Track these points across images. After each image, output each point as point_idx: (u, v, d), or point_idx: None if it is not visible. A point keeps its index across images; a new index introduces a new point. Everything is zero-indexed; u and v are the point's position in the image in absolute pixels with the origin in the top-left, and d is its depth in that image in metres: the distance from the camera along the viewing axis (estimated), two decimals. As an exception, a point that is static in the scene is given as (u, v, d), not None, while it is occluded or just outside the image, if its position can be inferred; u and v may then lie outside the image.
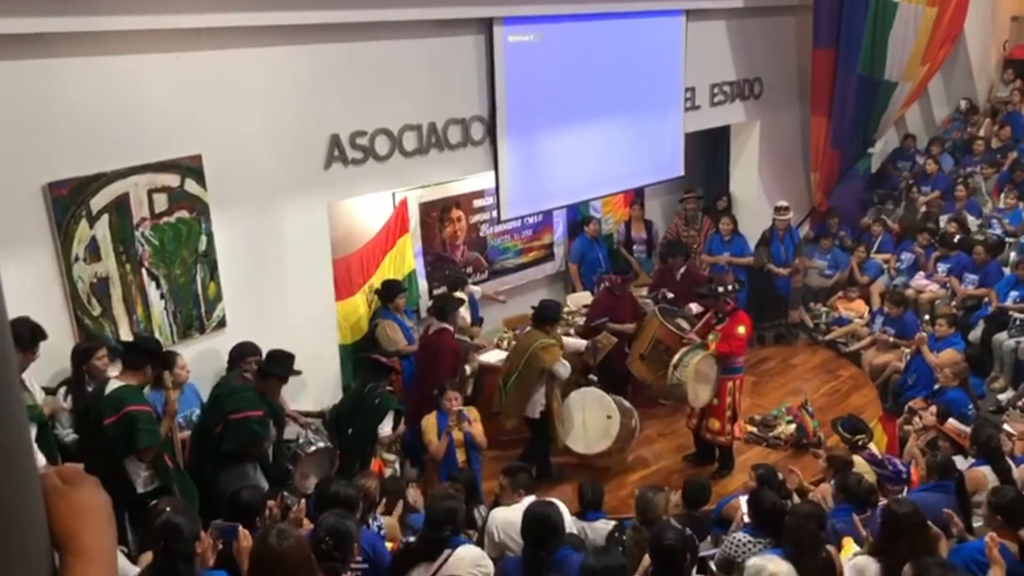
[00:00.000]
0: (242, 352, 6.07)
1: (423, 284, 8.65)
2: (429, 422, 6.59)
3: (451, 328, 7.36)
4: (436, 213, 8.76)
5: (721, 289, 7.38)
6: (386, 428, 6.26)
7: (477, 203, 9.08)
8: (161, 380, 5.36)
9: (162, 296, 6.01)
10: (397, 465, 6.67)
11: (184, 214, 6.03)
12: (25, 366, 4.84)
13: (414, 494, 5.86)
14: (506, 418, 7.33)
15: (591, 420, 7.32)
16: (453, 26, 7.38)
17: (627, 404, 7.52)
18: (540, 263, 9.88)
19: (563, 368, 7.02)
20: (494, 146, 7.97)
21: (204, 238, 6.17)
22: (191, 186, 6.02)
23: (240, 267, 6.45)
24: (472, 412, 6.62)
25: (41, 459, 4.49)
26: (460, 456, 6.47)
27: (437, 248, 8.84)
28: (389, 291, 7.64)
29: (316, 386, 6.95)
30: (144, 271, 5.90)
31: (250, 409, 5.42)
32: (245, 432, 5.37)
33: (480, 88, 7.77)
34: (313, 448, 5.96)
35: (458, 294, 8.02)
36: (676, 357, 7.21)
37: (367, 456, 6.23)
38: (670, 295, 8.34)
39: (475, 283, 8.89)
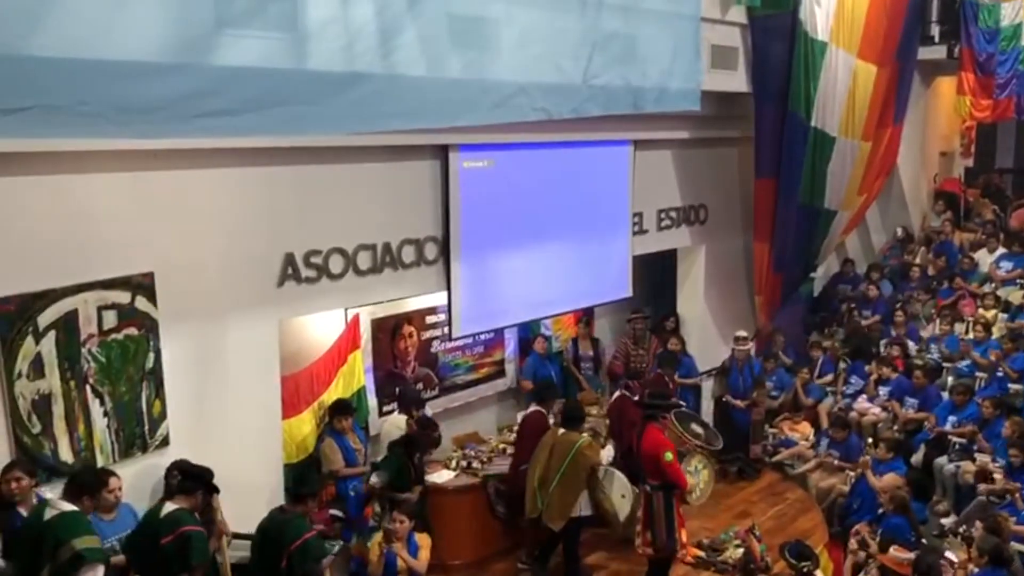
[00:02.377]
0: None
1: (373, 400, 8.60)
2: (374, 542, 6.47)
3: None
4: (388, 329, 8.80)
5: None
6: (373, 478, 7.03)
7: (429, 319, 9.14)
8: (210, 504, 5.85)
9: (105, 414, 5.90)
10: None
11: (133, 331, 5.99)
12: None
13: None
14: (550, 520, 7.47)
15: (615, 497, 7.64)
16: (409, 152, 7.60)
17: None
18: (491, 379, 9.90)
19: (608, 455, 7.67)
20: (447, 265, 8.10)
21: (152, 355, 6.12)
22: (141, 303, 6.00)
23: (187, 384, 6.38)
24: (422, 539, 6.51)
25: None
26: (403, 584, 6.34)
27: (388, 364, 8.84)
28: (334, 409, 7.60)
29: (258, 504, 6.79)
30: (88, 388, 5.80)
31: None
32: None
33: (434, 210, 7.95)
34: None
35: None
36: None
37: None
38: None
39: (431, 398, 8.87)
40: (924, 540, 7.00)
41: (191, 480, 5.71)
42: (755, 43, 9.63)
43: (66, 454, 5.71)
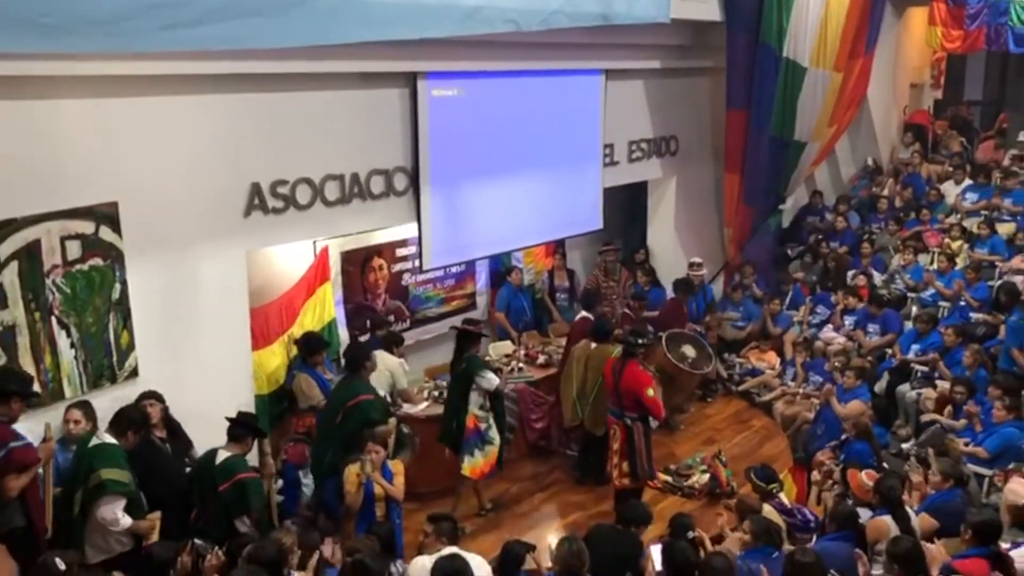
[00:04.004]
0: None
1: (343, 333, 8.60)
2: (351, 472, 6.52)
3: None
4: (358, 262, 8.75)
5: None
6: (491, 379, 7.22)
7: (400, 252, 9.10)
8: (261, 448, 6.15)
9: (72, 345, 5.86)
10: (489, 422, 7.36)
11: (98, 262, 5.91)
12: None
13: (330, 548, 5.77)
14: (593, 427, 7.95)
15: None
16: (377, 79, 7.47)
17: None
18: (462, 312, 9.91)
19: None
20: (417, 197, 8.04)
21: (118, 286, 6.06)
22: (106, 233, 5.92)
23: (154, 316, 6.33)
24: (395, 466, 6.57)
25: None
26: (379, 510, 6.41)
27: (358, 297, 8.82)
28: (308, 346, 7.53)
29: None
30: (54, 319, 5.75)
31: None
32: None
33: (404, 139, 7.86)
34: None
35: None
36: None
37: (460, 416, 7.24)
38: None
39: (402, 331, 8.87)
40: (885, 464, 7.17)
41: (240, 427, 5.93)
42: (728, -29, 9.52)
43: (33, 386, 5.63)
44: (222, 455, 5.78)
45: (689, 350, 8.76)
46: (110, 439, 5.44)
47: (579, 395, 8.05)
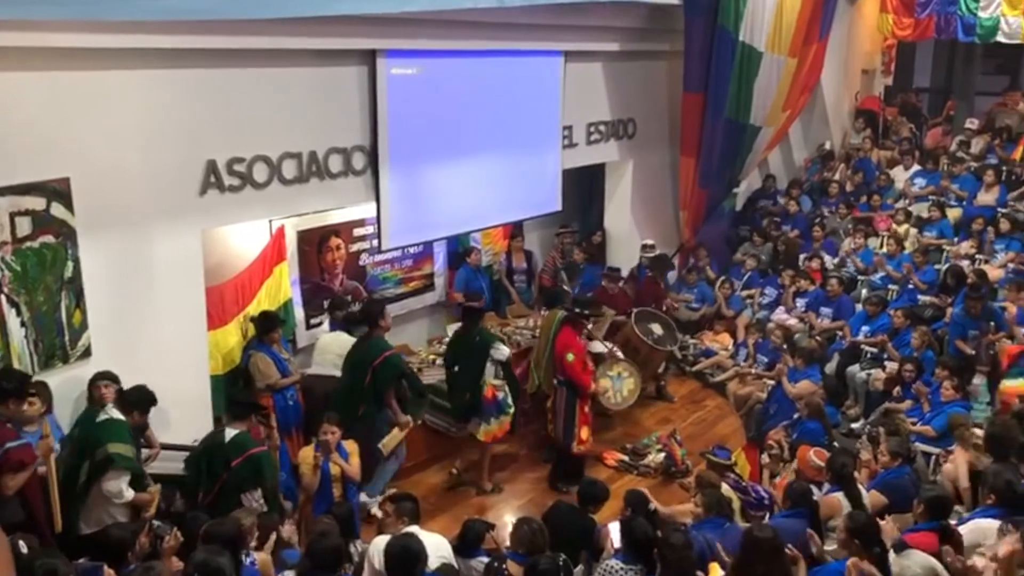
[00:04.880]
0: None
1: (300, 313, 8.54)
2: (305, 454, 6.51)
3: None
4: (314, 241, 8.67)
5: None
6: (504, 350, 7.55)
7: (357, 232, 9.03)
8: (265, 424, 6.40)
9: (23, 324, 5.73)
10: (505, 390, 7.60)
11: (49, 239, 5.78)
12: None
13: (288, 529, 5.76)
14: (547, 387, 8.05)
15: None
16: (336, 56, 7.39)
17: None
18: (421, 293, 9.89)
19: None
20: (376, 176, 7.98)
21: (70, 264, 5.93)
22: (57, 210, 5.79)
23: (108, 294, 6.21)
24: (351, 446, 6.56)
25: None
26: (336, 490, 6.41)
27: (315, 277, 8.74)
28: (265, 324, 7.47)
29: (186, 417, 6.74)
30: (3, 298, 5.62)
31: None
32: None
33: (362, 118, 7.78)
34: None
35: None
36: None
37: (477, 387, 7.45)
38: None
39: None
40: (836, 444, 7.34)
41: (241, 407, 6.17)
42: (686, -46, 9.56)
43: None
44: (230, 433, 5.92)
45: (657, 328, 9.03)
46: (118, 415, 5.59)
47: (535, 362, 8.27)
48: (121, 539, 4.34)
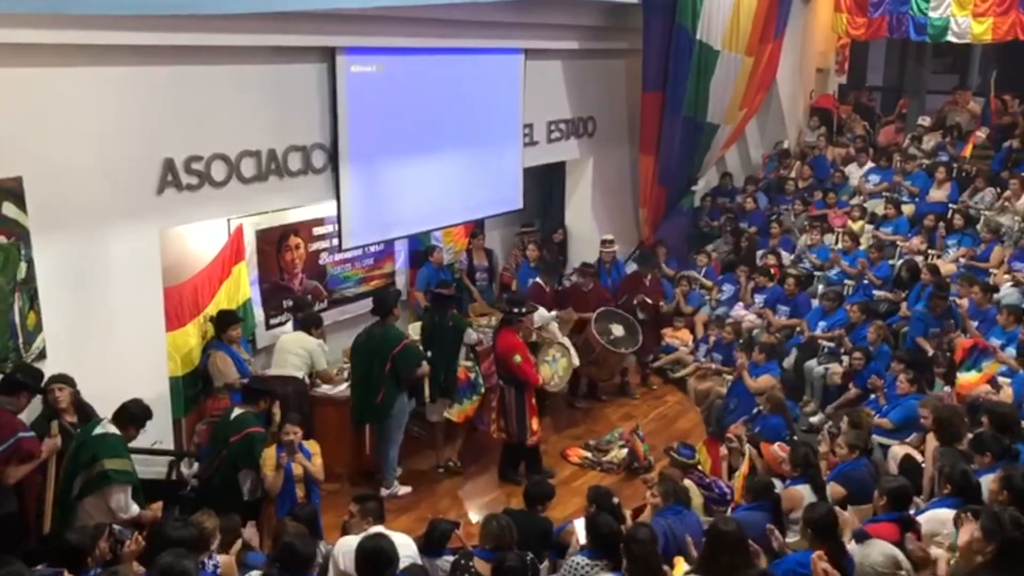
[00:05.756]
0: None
1: (259, 313, 8.45)
2: (267, 455, 6.43)
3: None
4: (273, 241, 8.58)
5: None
6: (473, 335, 7.83)
7: (317, 231, 8.96)
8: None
9: (-25, 326, 5.62)
10: (477, 371, 7.88)
11: (1, 239, 5.65)
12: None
13: (251, 532, 5.70)
14: None
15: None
16: (295, 53, 7.33)
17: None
18: (381, 292, 9.84)
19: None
20: (336, 174, 7.93)
21: (23, 265, 5.80)
22: (10, 209, 5.67)
23: (63, 296, 6.10)
24: (312, 446, 6.51)
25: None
26: (299, 491, 6.35)
27: (274, 276, 8.65)
28: (223, 322, 7.41)
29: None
30: (-46, 299, 5.50)
31: None
32: None
33: (322, 116, 7.73)
34: None
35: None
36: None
37: (452, 369, 7.68)
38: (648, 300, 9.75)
39: (320, 311, 8.75)
40: (796, 437, 7.44)
41: (252, 392, 6.48)
42: (644, -47, 9.62)
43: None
44: (236, 411, 6.28)
45: (617, 329, 9.01)
46: (113, 429, 5.53)
47: None
48: (80, 544, 4.25)
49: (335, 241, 8.68)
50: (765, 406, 7.51)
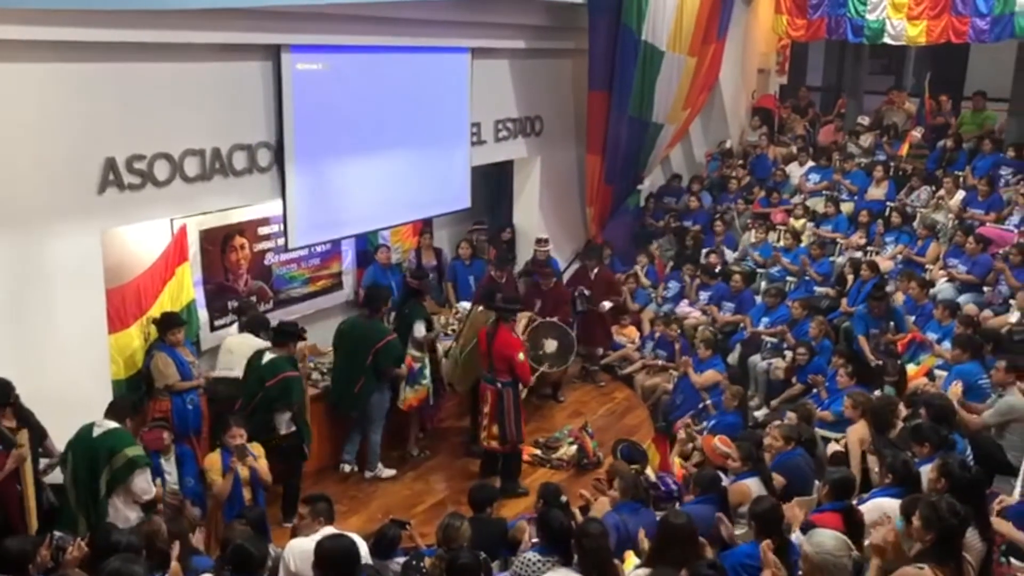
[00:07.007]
0: None
1: (203, 314, 8.32)
2: (212, 460, 6.35)
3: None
4: (218, 241, 8.46)
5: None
6: (420, 330, 7.92)
7: (262, 231, 8.86)
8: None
9: (-92, 330, 5.46)
10: (424, 363, 7.99)
11: (-65, 240, 5.52)
12: None
13: (198, 536, 5.62)
14: (457, 382, 8.42)
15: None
16: (240, 51, 7.25)
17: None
18: (329, 292, 9.76)
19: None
20: (281, 173, 7.86)
21: (-41, 267, 5.67)
22: (-56, 210, 5.52)
23: (2, 297, 5.98)
24: (257, 448, 6.44)
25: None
26: (247, 494, 6.28)
27: (219, 277, 8.54)
28: (165, 324, 7.24)
29: (86, 420, 6.47)
30: None
31: None
32: None
33: (267, 114, 7.66)
34: None
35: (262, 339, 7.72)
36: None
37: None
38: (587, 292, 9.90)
39: (265, 312, 8.64)
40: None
41: (282, 335, 6.95)
42: (589, -47, 9.69)
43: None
44: (268, 356, 6.70)
45: (550, 344, 8.98)
46: (113, 424, 5.74)
47: (454, 358, 8.32)
48: (21, 551, 4.15)
49: (281, 241, 8.59)
50: (731, 403, 7.65)
